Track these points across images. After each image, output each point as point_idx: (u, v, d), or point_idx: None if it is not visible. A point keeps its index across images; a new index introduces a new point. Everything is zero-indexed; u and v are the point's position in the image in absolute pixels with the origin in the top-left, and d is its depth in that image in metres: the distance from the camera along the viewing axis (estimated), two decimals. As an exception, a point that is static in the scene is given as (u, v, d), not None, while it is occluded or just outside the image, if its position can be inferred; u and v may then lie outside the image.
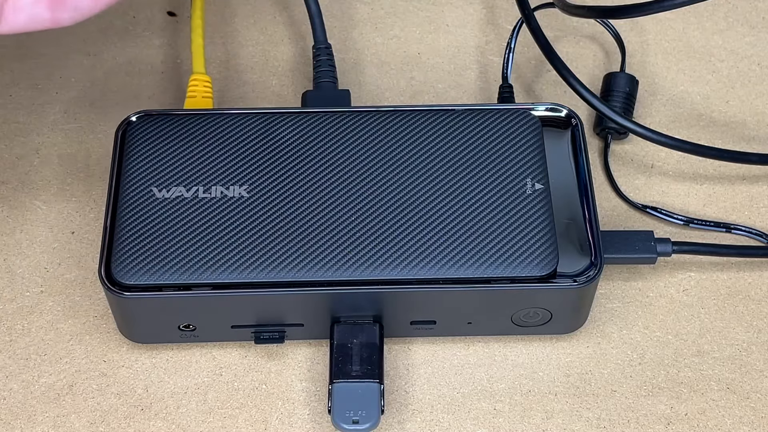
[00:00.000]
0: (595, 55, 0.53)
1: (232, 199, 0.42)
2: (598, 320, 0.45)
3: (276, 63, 0.53)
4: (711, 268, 0.47)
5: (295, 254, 0.41)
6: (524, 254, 0.41)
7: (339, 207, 0.42)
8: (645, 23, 0.54)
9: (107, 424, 0.42)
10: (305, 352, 0.44)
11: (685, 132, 0.50)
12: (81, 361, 0.44)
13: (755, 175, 0.49)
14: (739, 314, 0.45)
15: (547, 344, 0.44)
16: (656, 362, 0.44)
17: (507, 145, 0.44)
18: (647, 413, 0.43)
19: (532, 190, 0.43)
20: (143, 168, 0.43)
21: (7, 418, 0.42)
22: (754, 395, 0.43)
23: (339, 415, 0.40)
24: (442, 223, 0.42)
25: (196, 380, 0.43)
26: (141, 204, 0.42)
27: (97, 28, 0.53)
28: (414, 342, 0.44)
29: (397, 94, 0.52)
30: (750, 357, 0.44)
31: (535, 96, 0.51)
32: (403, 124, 0.45)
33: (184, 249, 0.41)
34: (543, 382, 0.43)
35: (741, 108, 0.51)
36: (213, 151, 0.44)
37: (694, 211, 0.48)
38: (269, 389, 0.43)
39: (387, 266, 0.41)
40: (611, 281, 0.46)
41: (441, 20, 0.54)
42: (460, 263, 0.41)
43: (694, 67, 0.53)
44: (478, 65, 0.53)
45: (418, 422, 0.42)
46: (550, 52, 0.48)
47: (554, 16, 0.53)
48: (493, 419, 0.42)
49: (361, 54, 0.53)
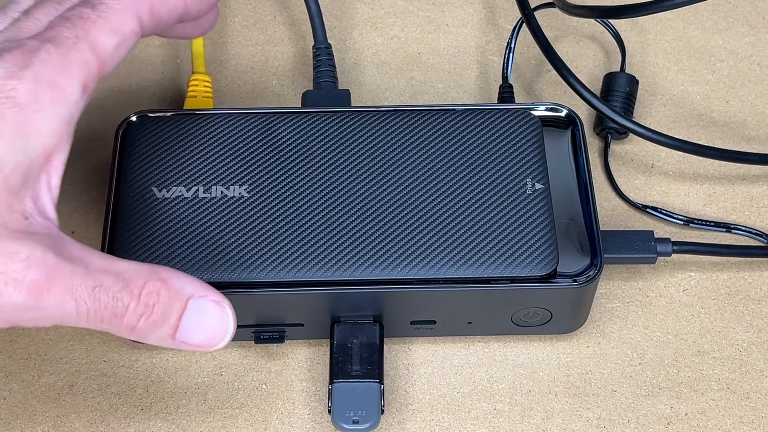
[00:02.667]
0: (595, 55, 0.53)
1: (232, 199, 0.42)
2: (598, 320, 0.45)
3: (276, 63, 0.53)
4: (711, 268, 0.47)
5: (295, 254, 0.41)
6: (524, 254, 0.41)
7: (339, 207, 0.42)
8: (645, 23, 0.54)
9: (107, 424, 0.42)
10: (305, 352, 0.44)
11: (685, 132, 0.50)
12: (81, 361, 0.44)
13: (755, 175, 0.49)
14: (739, 314, 0.45)
15: (547, 344, 0.44)
16: (656, 362, 0.44)
17: (507, 145, 0.44)
18: (647, 413, 0.43)
19: (532, 190, 0.43)
20: (143, 168, 0.43)
21: (7, 418, 0.42)
22: (754, 395, 0.43)
23: (339, 415, 0.40)
24: (442, 223, 0.42)
25: (196, 380, 0.43)
26: (141, 204, 0.42)
27: (97, 28, 0.53)
28: (414, 342, 0.44)
29: (397, 94, 0.52)
30: (750, 357, 0.44)
31: (535, 96, 0.51)
32: (403, 124, 0.45)
33: (184, 249, 0.41)
34: (543, 382, 0.43)
35: (741, 108, 0.51)
36: (213, 151, 0.44)
37: (694, 211, 0.48)
38: (269, 389, 0.43)
39: (387, 266, 0.41)
40: (611, 281, 0.46)
41: (441, 20, 0.54)
42: (460, 263, 0.41)
43: (694, 67, 0.53)
44: (478, 65, 0.53)
45: (418, 422, 0.42)
46: (550, 52, 0.48)
47: (554, 16, 0.53)
48: (493, 419, 0.42)
49: (361, 54, 0.53)
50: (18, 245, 0.33)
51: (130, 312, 0.35)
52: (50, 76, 0.35)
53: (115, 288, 0.34)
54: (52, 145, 0.35)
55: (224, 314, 0.37)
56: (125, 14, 0.37)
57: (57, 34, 0.35)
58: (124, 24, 0.37)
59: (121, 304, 0.34)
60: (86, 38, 0.36)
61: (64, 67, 0.35)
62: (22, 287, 0.32)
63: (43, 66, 0.34)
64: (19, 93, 0.34)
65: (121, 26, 0.36)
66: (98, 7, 0.36)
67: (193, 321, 0.36)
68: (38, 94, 0.34)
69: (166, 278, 0.36)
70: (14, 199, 0.34)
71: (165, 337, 0.36)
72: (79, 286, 0.34)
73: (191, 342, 0.37)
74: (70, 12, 0.36)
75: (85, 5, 0.36)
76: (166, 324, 0.36)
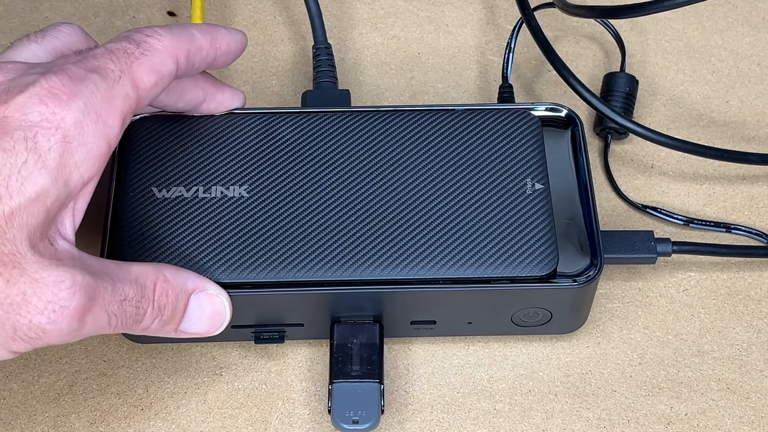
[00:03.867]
0: (595, 55, 0.53)
1: (232, 199, 0.42)
2: (598, 320, 0.45)
3: (276, 63, 0.53)
4: (711, 268, 0.47)
5: (295, 254, 0.41)
6: (524, 254, 0.41)
7: (339, 207, 0.42)
8: (645, 23, 0.54)
9: (107, 424, 0.42)
10: (305, 352, 0.44)
11: (685, 132, 0.50)
12: (81, 361, 0.44)
13: (755, 175, 0.49)
14: (739, 314, 0.45)
15: (547, 344, 0.44)
16: (656, 362, 0.44)
17: (507, 145, 0.44)
18: (647, 413, 0.43)
19: (532, 190, 0.43)
20: (143, 168, 0.43)
21: (7, 418, 0.42)
22: (754, 395, 0.43)
23: (339, 415, 0.40)
24: (442, 223, 0.42)
25: (196, 380, 0.43)
26: (141, 204, 0.42)
27: (98, 28, 0.53)
28: (414, 342, 0.44)
29: (397, 94, 0.52)
30: (750, 357, 0.44)
31: (535, 96, 0.51)
32: (403, 124, 0.45)
33: (184, 249, 0.41)
34: (543, 382, 0.43)
35: (741, 108, 0.51)
36: (213, 151, 0.44)
37: (694, 211, 0.48)
38: (269, 389, 0.43)
39: (387, 266, 0.41)
40: (611, 281, 0.46)
41: (441, 20, 0.54)
42: (460, 263, 0.41)
43: (694, 67, 0.53)
44: (478, 65, 0.53)
45: (418, 422, 0.42)
46: (550, 52, 0.48)
47: (554, 16, 0.53)
48: (493, 419, 0.42)
49: (361, 54, 0.53)
50: (60, 272, 0.33)
51: (147, 316, 0.36)
52: (97, 109, 0.35)
53: (137, 298, 0.36)
54: (89, 177, 0.35)
55: (222, 305, 0.39)
56: (165, 55, 0.38)
57: (102, 65, 0.36)
58: (163, 64, 0.38)
59: (142, 311, 0.36)
60: (129, 73, 0.36)
61: (110, 100, 0.36)
62: (68, 314, 0.33)
63: (92, 98, 0.35)
64: (67, 124, 0.34)
65: (161, 66, 0.38)
66: (142, 45, 0.37)
67: (195, 314, 0.38)
68: (84, 126, 0.35)
69: (170, 277, 0.37)
70: (48, 228, 0.34)
71: (169, 331, 0.38)
72: (110, 302, 0.35)
73: (190, 332, 0.39)
74: (114, 45, 0.37)
75: (129, 41, 0.37)
76: (173, 321, 0.38)
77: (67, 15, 0.54)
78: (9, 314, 0.33)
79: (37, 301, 0.33)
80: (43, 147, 0.33)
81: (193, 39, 0.39)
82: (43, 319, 0.33)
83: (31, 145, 0.33)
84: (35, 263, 0.33)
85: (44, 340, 0.33)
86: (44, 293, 0.33)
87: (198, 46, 0.39)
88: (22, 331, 0.33)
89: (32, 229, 0.33)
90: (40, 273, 0.33)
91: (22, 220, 0.33)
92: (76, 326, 0.34)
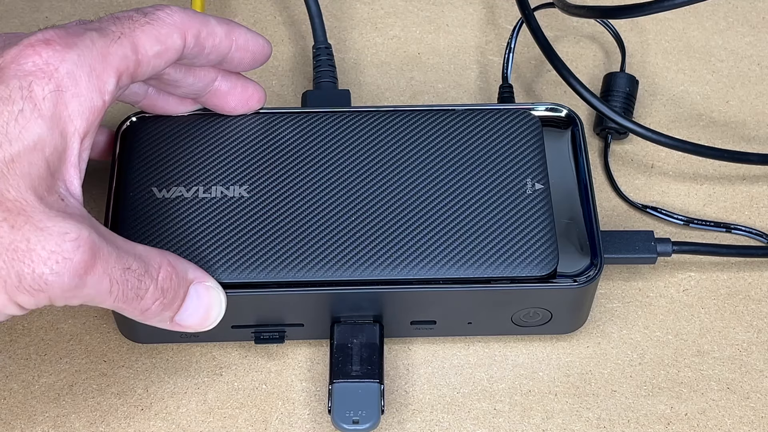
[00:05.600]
0: (595, 55, 0.53)
1: (232, 199, 0.42)
2: (598, 320, 0.45)
3: (276, 63, 0.53)
4: (711, 268, 0.47)
5: (295, 254, 0.41)
6: (524, 254, 0.41)
7: (339, 207, 0.42)
8: (645, 23, 0.54)
9: (107, 424, 0.42)
10: (305, 352, 0.44)
11: (685, 132, 0.50)
12: (81, 361, 0.44)
13: (755, 175, 0.49)
14: (739, 314, 0.45)
15: (547, 344, 0.44)
16: (656, 362, 0.44)
17: (507, 145, 0.44)
18: (647, 413, 0.43)
19: (532, 190, 0.43)
20: (143, 168, 0.43)
21: (7, 418, 0.42)
22: (754, 395, 0.43)
23: (339, 415, 0.40)
24: (442, 223, 0.42)
25: (196, 380, 0.43)
26: (141, 204, 0.42)
27: (97, 28, 0.53)
28: (414, 342, 0.44)
29: (397, 94, 0.52)
30: (750, 357, 0.44)
31: (535, 96, 0.51)
32: (403, 124, 0.45)
33: (184, 249, 0.41)
34: (543, 382, 0.43)
35: (741, 108, 0.51)
36: (213, 151, 0.44)
37: (694, 211, 0.48)
38: (269, 389, 0.43)
39: (387, 266, 0.41)
40: (611, 281, 0.46)
41: (441, 20, 0.54)
42: (460, 263, 0.41)
43: (694, 67, 0.53)
44: (478, 65, 0.53)
45: (418, 422, 0.42)
46: (550, 52, 0.48)
47: (554, 16, 0.53)
48: (493, 419, 0.42)
49: (361, 54, 0.53)
50: (66, 225, 0.33)
51: (149, 295, 0.36)
52: (91, 62, 0.35)
53: (140, 271, 0.36)
54: (84, 130, 0.35)
55: (218, 299, 0.39)
56: (173, 29, 0.38)
57: (103, 26, 0.36)
58: (168, 37, 0.38)
59: (144, 287, 0.36)
60: (131, 36, 0.37)
61: (105, 56, 0.36)
62: (70, 267, 0.33)
63: (86, 51, 0.35)
64: (60, 74, 0.35)
65: (166, 38, 0.38)
66: (149, 15, 0.38)
67: (191, 305, 0.38)
68: (77, 78, 0.35)
69: (174, 263, 0.37)
70: (53, 181, 0.34)
71: (165, 319, 0.38)
72: (114, 267, 0.35)
73: (185, 324, 0.38)
74: (121, 13, 0.37)
75: (137, 11, 0.38)
76: (171, 308, 0.37)
77: (67, 15, 0.54)
78: (14, 261, 0.33)
79: (41, 250, 0.33)
80: (38, 96, 0.34)
81: (207, 23, 0.39)
82: (46, 269, 0.33)
83: (26, 93, 0.34)
84: (41, 212, 0.33)
85: (47, 293, 0.33)
86: (48, 242, 0.33)
87: (211, 32, 0.39)
88: (26, 281, 0.33)
89: (35, 179, 0.33)
90: (45, 222, 0.33)
91: (23, 168, 0.33)
92: (78, 282, 0.33)
